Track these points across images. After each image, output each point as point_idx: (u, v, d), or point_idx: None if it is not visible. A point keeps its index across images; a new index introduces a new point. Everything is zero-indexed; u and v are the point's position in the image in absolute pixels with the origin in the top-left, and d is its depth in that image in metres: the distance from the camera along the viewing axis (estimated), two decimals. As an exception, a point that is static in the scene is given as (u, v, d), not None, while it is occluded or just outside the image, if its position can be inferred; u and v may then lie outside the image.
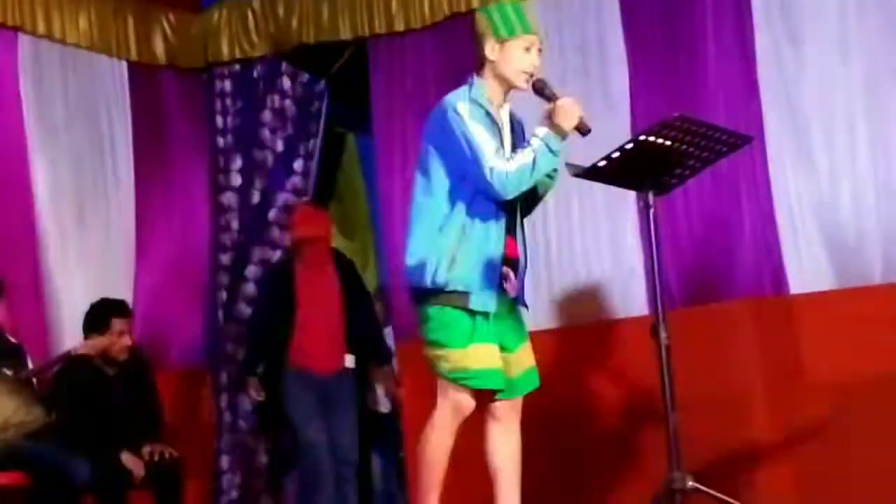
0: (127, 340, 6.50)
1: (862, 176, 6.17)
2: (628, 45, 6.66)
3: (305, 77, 7.77)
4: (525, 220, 4.59)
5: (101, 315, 6.45)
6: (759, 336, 6.25)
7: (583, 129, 4.37)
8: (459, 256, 4.34)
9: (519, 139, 4.52)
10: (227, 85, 7.82)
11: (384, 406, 8.08)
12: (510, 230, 4.49)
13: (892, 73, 6.11)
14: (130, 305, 6.95)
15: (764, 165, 6.32)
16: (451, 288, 4.34)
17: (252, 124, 7.75)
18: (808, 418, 6.04)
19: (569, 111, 4.35)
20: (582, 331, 6.60)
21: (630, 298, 6.49)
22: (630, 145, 4.41)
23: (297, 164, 7.76)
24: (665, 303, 4.58)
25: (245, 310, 7.59)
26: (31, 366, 6.17)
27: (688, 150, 4.50)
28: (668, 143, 4.41)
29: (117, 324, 6.44)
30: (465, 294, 4.34)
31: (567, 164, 4.58)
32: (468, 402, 4.42)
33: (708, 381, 6.02)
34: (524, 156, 4.32)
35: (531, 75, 4.45)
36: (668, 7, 6.60)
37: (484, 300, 4.36)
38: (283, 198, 7.69)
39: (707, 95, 6.40)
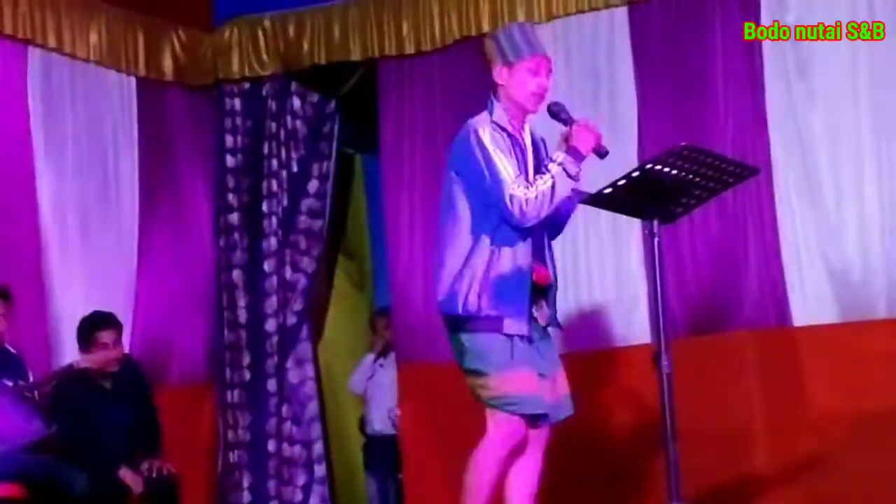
0: (116, 352, 6.45)
1: (868, 210, 6.18)
2: (638, 74, 6.68)
3: (315, 97, 7.79)
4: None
5: (86, 329, 6.43)
6: (761, 367, 6.25)
7: (601, 152, 4.39)
8: (489, 283, 4.34)
9: (542, 158, 4.53)
10: (237, 103, 7.83)
11: (386, 427, 8.08)
12: (538, 256, 4.49)
13: (901, 109, 6.13)
14: (130, 318, 7.01)
15: (770, 197, 6.32)
16: (483, 314, 4.33)
17: (262, 144, 7.75)
18: (809, 450, 6.04)
19: (586, 134, 4.36)
20: (584, 357, 6.58)
21: (633, 326, 6.49)
22: (636, 173, 4.40)
23: (312, 186, 7.78)
24: (668, 332, 4.56)
25: (260, 328, 7.64)
26: (31, 377, 6.15)
27: (694, 179, 4.49)
28: (675, 172, 4.40)
29: (104, 336, 6.40)
30: (499, 319, 4.33)
31: (573, 191, 4.59)
32: (519, 428, 4.39)
33: (709, 411, 6.02)
34: (543, 182, 4.33)
35: (542, 97, 4.46)
36: (679, 37, 6.62)
37: (517, 324, 4.36)
38: (299, 220, 7.71)
39: (715, 126, 6.41)
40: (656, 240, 4.52)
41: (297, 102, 7.77)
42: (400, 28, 7.28)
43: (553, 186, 4.32)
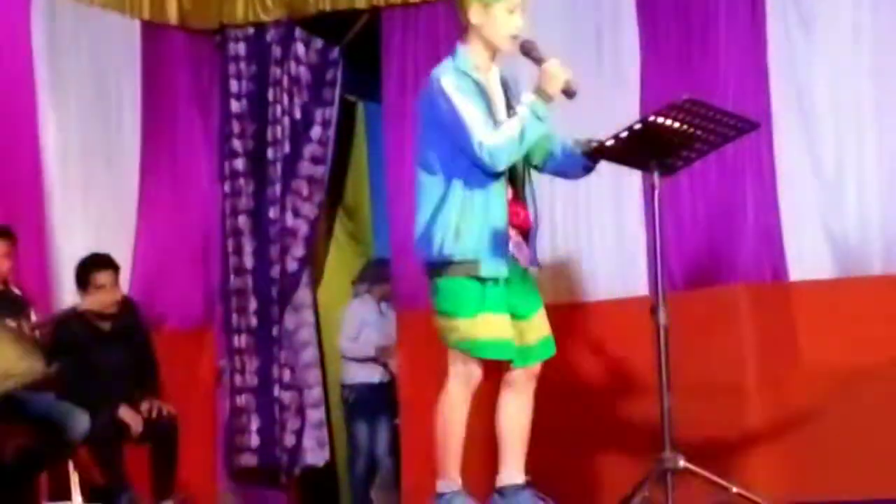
0: (114, 294, 6.49)
1: (867, 167, 6.21)
2: (641, 27, 6.67)
3: (319, 44, 7.78)
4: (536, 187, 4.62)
5: (83, 270, 6.47)
6: (756, 321, 6.30)
7: (569, 92, 4.38)
8: (464, 227, 4.37)
9: (514, 98, 4.54)
10: (241, 48, 7.81)
11: (375, 375, 8.16)
12: (519, 197, 4.52)
13: (903, 64, 6.14)
14: (130, 260, 7.12)
15: (770, 152, 6.34)
16: (459, 258, 4.37)
17: (266, 90, 7.75)
18: (801, 404, 6.10)
19: (554, 74, 4.36)
20: (582, 308, 6.63)
21: (631, 279, 6.52)
22: (638, 125, 4.43)
23: (314, 132, 7.78)
24: (665, 284, 4.61)
25: (266, 274, 7.69)
26: (34, 318, 6.20)
27: (695, 132, 4.52)
28: (676, 124, 4.44)
29: (100, 277, 6.44)
30: (475, 262, 4.37)
31: (575, 141, 4.61)
32: (476, 373, 4.44)
33: (704, 364, 6.07)
34: (511, 126, 4.34)
35: (516, 37, 4.47)
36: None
37: (494, 266, 4.39)
38: (301, 166, 7.73)
39: (717, 80, 6.42)
40: (656, 192, 4.56)
41: (301, 49, 7.75)
42: (405, -24, 7.27)
43: (522, 130, 4.34)
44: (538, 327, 4.58)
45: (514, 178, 4.51)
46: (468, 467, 4.57)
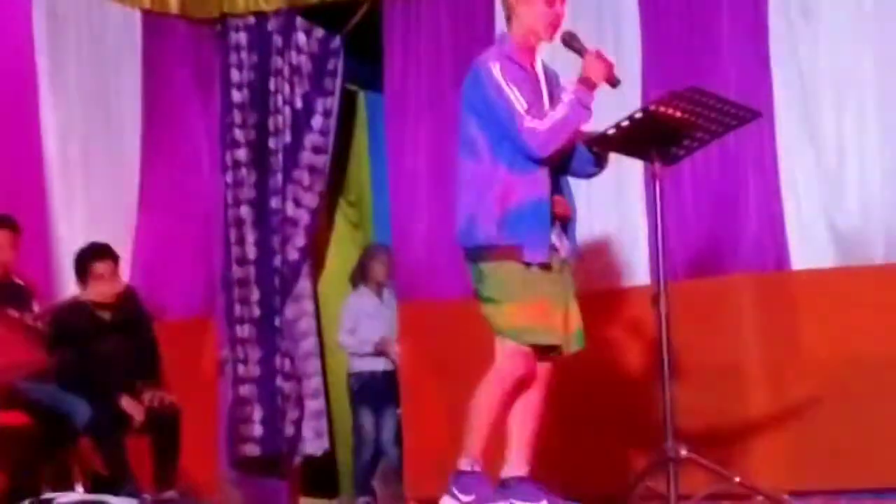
0: (116, 284, 6.48)
1: (869, 156, 6.20)
2: (643, 16, 6.66)
3: (320, 33, 7.77)
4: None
5: (82, 260, 6.46)
6: (758, 310, 6.30)
7: (612, 81, 4.43)
8: (507, 212, 4.38)
9: (555, 88, 4.56)
10: (242, 38, 7.79)
11: (380, 364, 8.15)
12: (556, 188, 4.53)
13: (905, 54, 6.13)
14: (130, 250, 7.15)
15: (772, 141, 6.34)
16: (502, 243, 4.37)
17: (267, 79, 7.74)
18: (803, 393, 6.09)
19: (598, 64, 4.40)
20: (583, 297, 6.60)
21: (633, 268, 6.53)
22: (640, 115, 4.43)
23: (316, 122, 7.77)
24: (667, 273, 4.61)
25: (269, 264, 7.66)
26: (36, 308, 6.20)
27: (697, 121, 4.52)
28: (678, 114, 4.43)
29: (99, 267, 6.43)
30: (518, 247, 4.38)
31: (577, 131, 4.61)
32: (528, 360, 4.44)
33: (706, 353, 6.07)
34: (557, 113, 4.37)
35: (557, 27, 4.50)
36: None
37: (538, 252, 4.40)
38: (302, 156, 7.72)
39: (719, 69, 6.41)
40: (658, 182, 4.56)
41: (302, 38, 7.73)
42: (406, -36, 7.26)
43: (566, 117, 4.36)
44: (571, 320, 4.58)
45: (552, 168, 4.53)
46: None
